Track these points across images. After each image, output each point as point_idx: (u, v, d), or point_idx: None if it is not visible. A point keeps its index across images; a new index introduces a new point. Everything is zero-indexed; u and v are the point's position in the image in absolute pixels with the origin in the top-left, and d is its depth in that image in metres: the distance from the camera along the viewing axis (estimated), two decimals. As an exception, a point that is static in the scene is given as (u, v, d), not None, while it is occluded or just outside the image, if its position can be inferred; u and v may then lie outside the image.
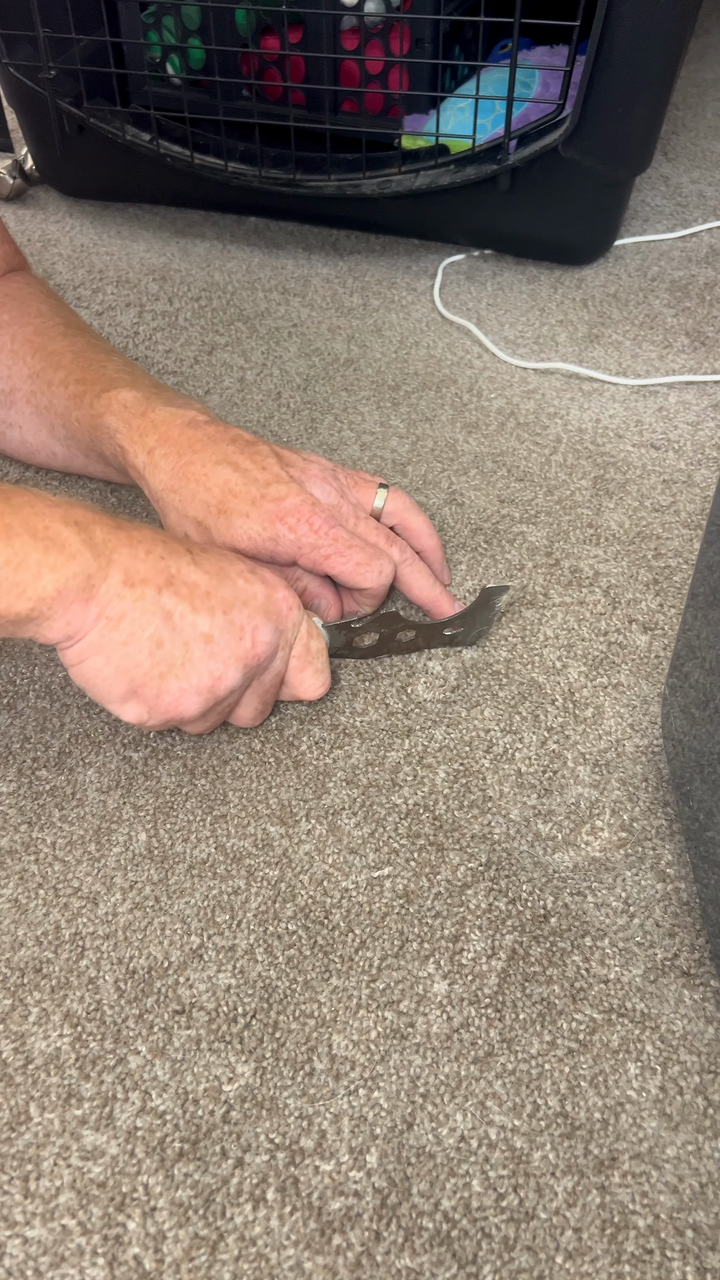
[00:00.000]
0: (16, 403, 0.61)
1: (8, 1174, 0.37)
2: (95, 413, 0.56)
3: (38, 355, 0.60)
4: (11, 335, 0.61)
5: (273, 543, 0.51)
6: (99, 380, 0.57)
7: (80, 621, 0.42)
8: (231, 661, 0.45)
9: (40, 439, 0.62)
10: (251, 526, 0.51)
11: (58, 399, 0.58)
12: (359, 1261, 0.35)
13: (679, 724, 0.45)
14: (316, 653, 0.50)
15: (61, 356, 0.59)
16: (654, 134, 0.78)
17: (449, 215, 0.86)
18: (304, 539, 0.51)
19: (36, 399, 0.60)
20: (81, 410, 0.57)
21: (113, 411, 0.55)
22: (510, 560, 0.61)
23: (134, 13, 0.83)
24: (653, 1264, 0.35)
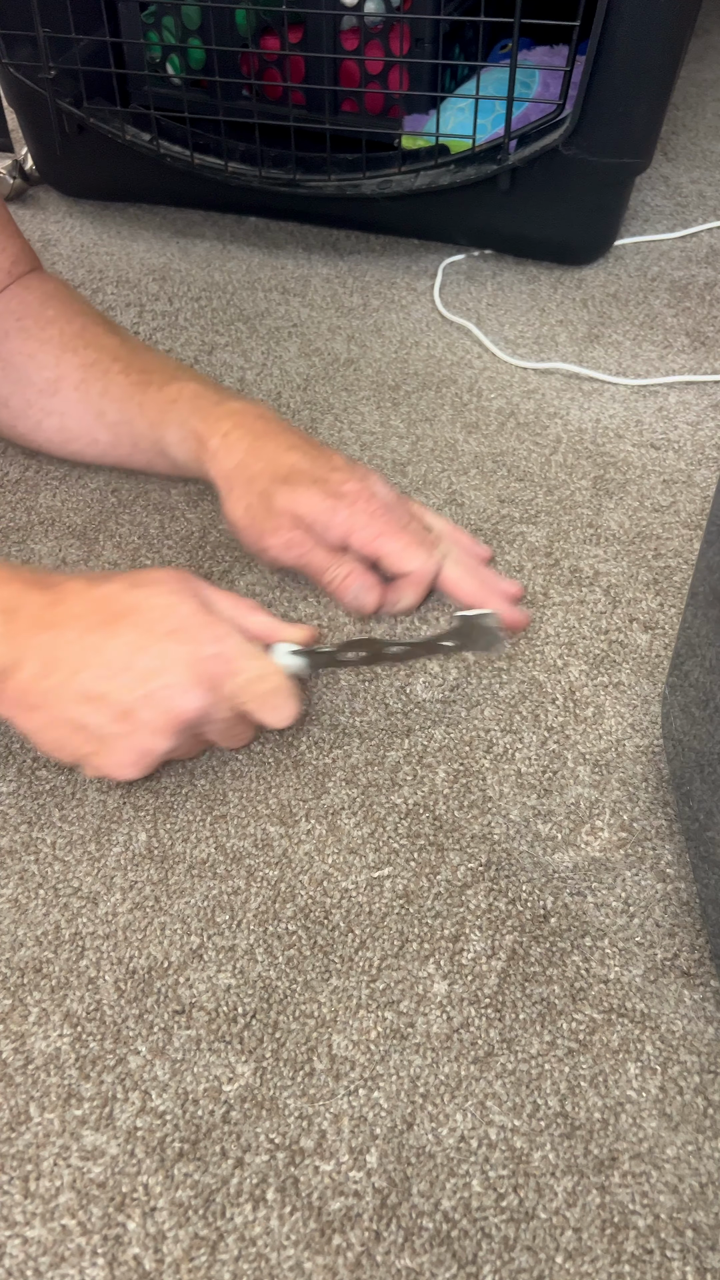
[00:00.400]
0: (62, 390, 0.63)
1: (8, 1174, 0.37)
2: (165, 399, 0.59)
3: (90, 348, 0.63)
4: (59, 330, 0.64)
5: (329, 513, 0.54)
6: (162, 371, 0.61)
7: (2, 705, 0.45)
8: (156, 734, 0.45)
9: (83, 426, 0.63)
10: (313, 496, 0.54)
11: (115, 385, 0.61)
12: (359, 1261, 0.35)
13: (679, 724, 0.45)
14: (268, 693, 0.47)
15: (116, 349, 0.63)
16: (654, 134, 0.78)
17: (449, 215, 0.86)
18: (359, 517, 0.54)
19: (88, 386, 0.62)
20: (146, 396, 0.60)
21: (184, 399, 0.59)
22: (510, 560, 0.61)
23: (134, 13, 0.83)
24: (653, 1264, 0.35)
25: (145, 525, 0.63)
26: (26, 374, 0.63)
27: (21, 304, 0.64)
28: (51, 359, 0.63)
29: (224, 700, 0.46)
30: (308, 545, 0.55)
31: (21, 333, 0.63)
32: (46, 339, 0.63)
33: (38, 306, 0.64)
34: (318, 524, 0.54)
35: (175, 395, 0.59)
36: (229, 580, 0.59)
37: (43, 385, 0.63)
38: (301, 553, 0.56)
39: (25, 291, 0.65)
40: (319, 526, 0.54)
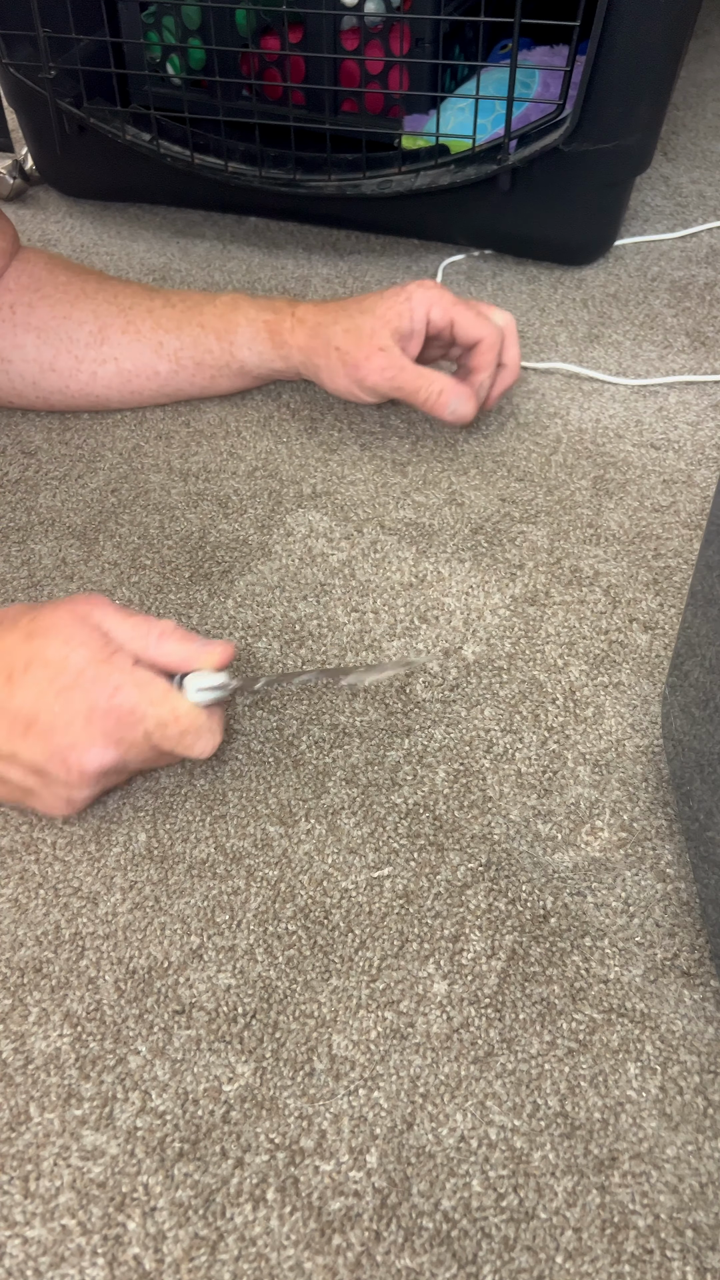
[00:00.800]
0: (110, 337, 0.67)
1: (8, 1174, 0.37)
2: (225, 306, 0.66)
3: (120, 295, 0.68)
4: (80, 288, 0.68)
5: (406, 301, 0.63)
6: (202, 296, 0.68)
7: None
8: (72, 787, 0.44)
9: (141, 362, 0.68)
10: (389, 302, 0.63)
11: (166, 317, 0.67)
12: (359, 1261, 0.35)
13: (679, 724, 0.45)
14: (182, 733, 0.45)
15: (144, 291, 0.68)
16: (654, 134, 0.78)
17: (449, 215, 0.86)
18: (433, 293, 0.64)
19: (137, 326, 0.67)
20: (204, 316, 0.67)
21: (244, 302, 0.66)
22: (510, 560, 0.61)
23: (134, 13, 0.83)
24: (653, 1264, 0.35)
25: (145, 525, 0.63)
26: (67, 333, 0.67)
27: (31, 277, 0.67)
28: (89, 313, 0.67)
29: (134, 745, 0.45)
30: (397, 366, 0.63)
31: (45, 300, 0.67)
32: (73, 298, 0.67)
33: (48, 275, 0.68)
34: (402, 316, 0.63)
35: (233, 303, 0.66)
36: (229, 580, 0.59)
37: (88, 338, 0.67)
38: (393, 374, 0.63)
39: (28, 265, 0.68)
40: (404, 319, 0.63)
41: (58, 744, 0.43)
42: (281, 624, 0.57)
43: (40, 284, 0.67)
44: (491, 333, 0.64)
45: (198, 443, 0.70)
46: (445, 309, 0.63)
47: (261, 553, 0.61)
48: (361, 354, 0.63)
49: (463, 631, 0.56)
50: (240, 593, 0.59)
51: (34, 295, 0.67)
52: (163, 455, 0.69)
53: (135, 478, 0.67)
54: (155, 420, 0.71)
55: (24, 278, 0.67)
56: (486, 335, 0.64)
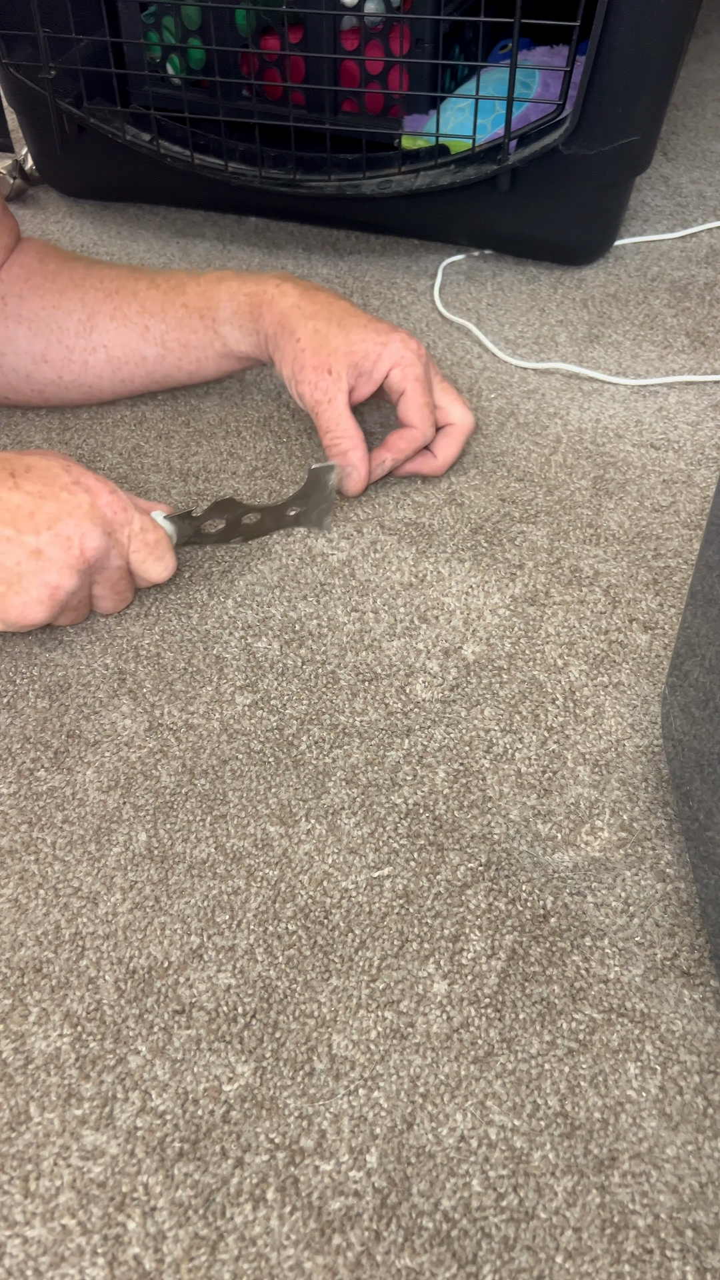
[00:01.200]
0: (98, 324, 0.67)
1: (8, 1174, 0.37)
2: (208, 283, 0.65)
3: (105, 279, 0.67)
4: (68, 276, 0.67)
5: (381, 346, 0.61)
6: (189, 274, 0.66)
7: None
8: (65, 570, 0.51)
9: (130, 347, 0.67)
10: (367, 334, 0.61)
11: (151, 300, 0.66)
12: (359, 1261, 0.35)
13: (679, 724, 0.45)
14: (154, 543, 0.54)
15: (129, 274, 0.67)
16: (654, 134, 0.78)
17: (449, 215, 0.86)
18: (409, 353, 0.61)
19: (123, 311, 0.66)
20: (188, 295, 0.65)
21: (228, 277, 0.64)
22: (510, 560, 0.61)
23: (134, 13, 0.83)
24: (653, 1264, 0.35)
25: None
26: (56, 323, 0.67)
27: (23, 268, 0.67)
28: (76, 301, 0.67)
29: (117, 546, 0.53)
30: (328, 397, 0.61)
31: (35, 291, 0.67)
32: (61, 287, 0.67)
33: (38, 265, 0.68)
34: (367, 358, 0.61)
35: (218, 278, 0.65)
36: (228, 580, 0.59)
37: (76, 327, 0.67)
38: (319, 400, 0.61)
39: (21, 256, 0.68)
40: (368, 361, 0.61)
41: (61, 528, 0.50)
42: (281, 624, 0.57)
43: (30, 274, 0.67)
44: (424, 430, 0.62)
45: (198, 443, 0.70)
46: (406, 378, 0.61)
47: (261, 552, 0.61)
48: (311, 361, 0.61)
49: (463, 631, 0.56)
50: (240, 592, 0.59)
51: (24, 286, 0.67)
52: (163, 455, 0.69)
53: (135, 478, 0.67)
54: (155, 420, 0.71)
55: (15, 268, 0.67)
56: (419, 428, 0.62)
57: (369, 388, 0.62)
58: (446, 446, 0.65)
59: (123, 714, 0.53)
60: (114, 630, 0.57)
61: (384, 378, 0.62)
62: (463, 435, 0.65)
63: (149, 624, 0.57)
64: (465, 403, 0.65)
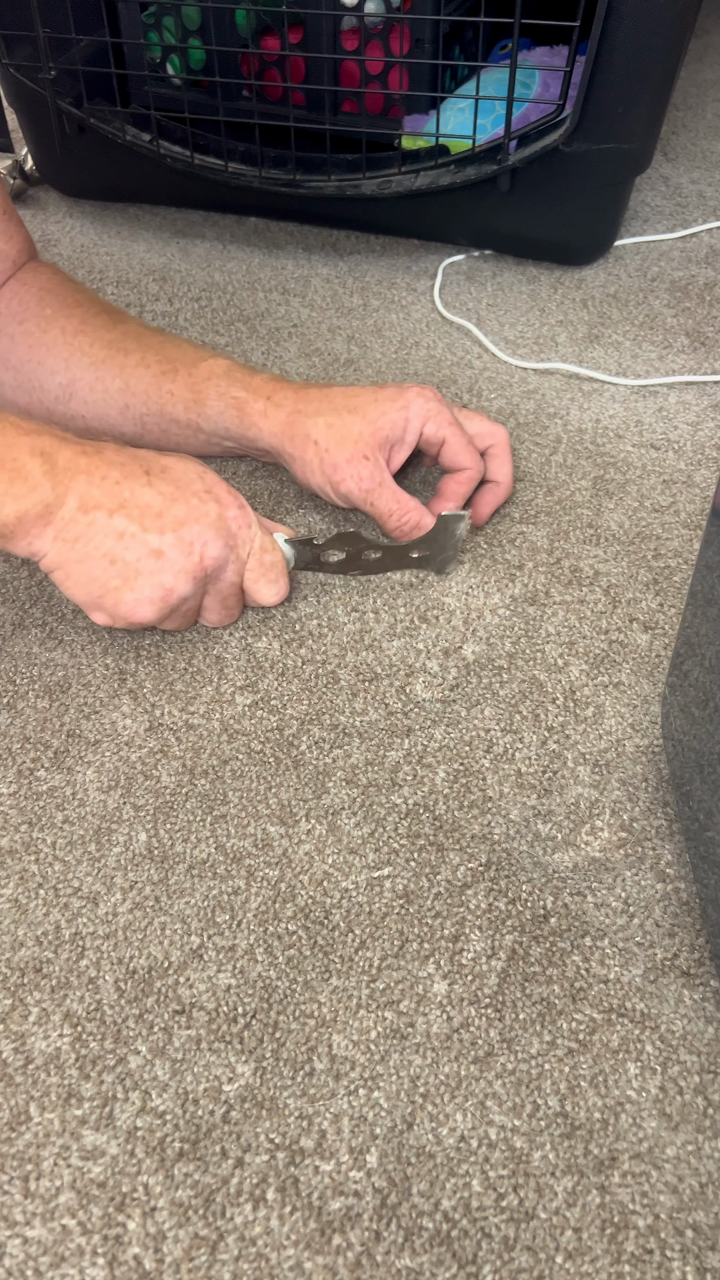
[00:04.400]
0: (77, 393, 0.64)
1: (8, 1174, 0.37)
2: (199, 377, 0.61)
3: (97, 345, 0.63)
4: (60, 329, 0.64)
5: (405, 409, 0.58)
6: (182, 358, 0.62)
7: (41, 542, 0.49)
8: (181, 574, 0.51)
9: (106, 423, 0.64)
10: (384, 406, 0.58)
11: (137, 379, 0.62)
12: (359, 1261, 0.35)
13: (679, 724, 0.45)
14: (270, 565, 0.55)
15: (124, 342, 0.63)
16: (654, 134, 0.78)
17: (449, 215, 0.86)
18: (433, 404, 0.59)
19: (105, 383, 0.63)
20: (176, 383, 0.62)
21: (219, 374, 0.61)
22: (510, 560, 0.61)
23: (134, 13, 0.83)
24: (653, 1264, 0.35)
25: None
26: (39, 381, 0.64)
27: (21, 304, 0.64)
28: (60, 363, 0.63)
29: (236, 561, 0.53)
30: (376, 481, 0.58)
31: (26, 337, 0.64)
32: (50, 341, 0.63)
33: (36, 306, 0.64)
34: (395, 427, 0.58)
35: (209, 373, 0.61)
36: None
37: (57, 390, 0.64)
38: (370, 489, 0.58)
39: (23, 288, 0.65)
40: (396, 428, 0.58)
41: (185, 532, 0.51)
42: (281, 624, 0.57)
43: (26, 316, 0.64)
44: (475, 466, 0.60)
45: (198, 443, 0.70)
46: (440, 426, 0.59)
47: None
48: (343, 456, 0.58)
49: (463, 631, 0.56)
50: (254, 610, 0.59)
51: (17, 328, 0.64)
52: (163, 455, 0.69)
53: (135, 478, 0.67)
54: (155, 420, 0.71)
55: (15, 303, 0.64)
56: (470, 468, 0.60)
57: (404, 454, 0.60)
58: (499, 466, 0.63)
59: (123, 714, 0.53)
60: (114, 630, 0.57)
61: (418, 438, 0.60)
62: (506, 448, 0.63)
63: (149, 624, 0.57)
64: (493, 421, 0.63)
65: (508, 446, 0.63)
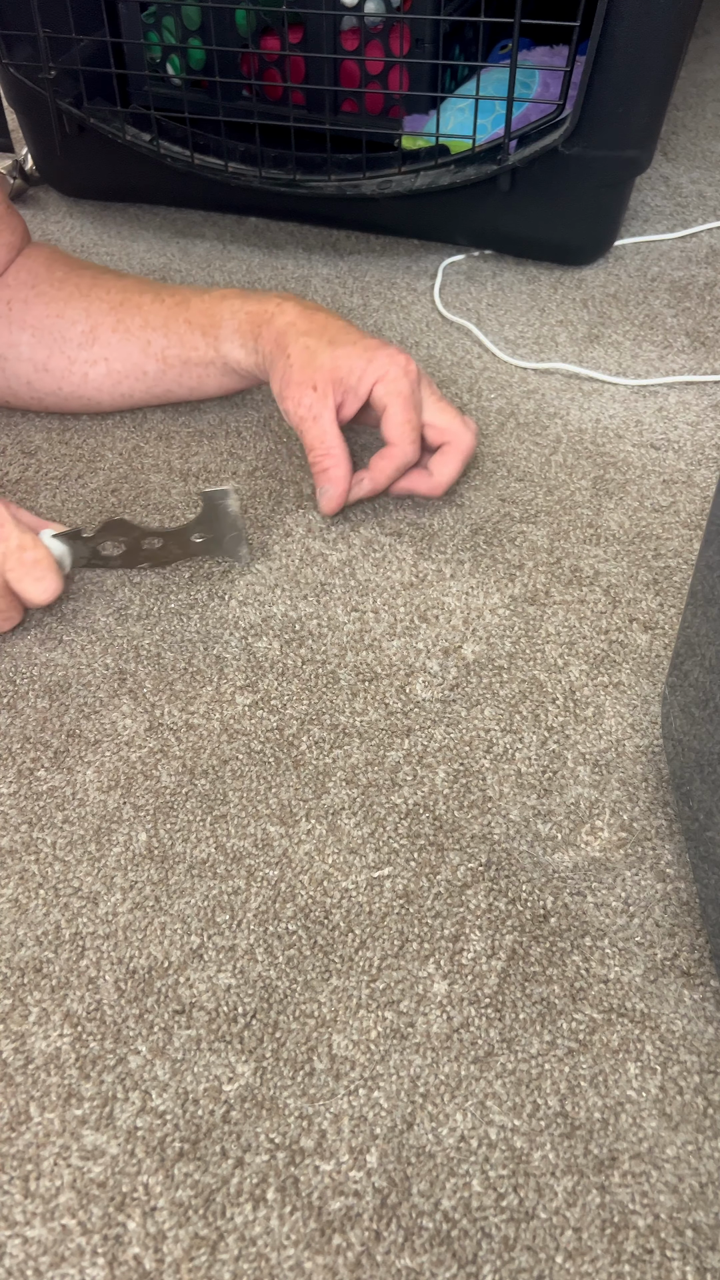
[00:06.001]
0: (100, 336, 0.66)
1: (8, 1174, 0.37)
2: (213, 300, 0.64)
3: (112, 290, 0.67)
4: (75, 285, 0.67)
5: (367, 362, 0.59)
6: (194, 290, 0.66)
7: None
8: None
9: (130, 362, 0.67)
10: (354, 351, 0.59)
11: (154, 314, 0.66)
12: (359, 1261, 0.35)
13: (679, 724, 0.45)
14: (33, 562, 0.53)
15: (138, 285, 0.67)
16: (654, 134, 0.78)
17: (449, 215, 0.86)
18: (394, 369, 0.59)
19: (126, 323, 0.66)
20: (192, 310, 0.65)
21: (233, 295, 0.64)
22: (510, 560, 0.61)
23: (134, 13, 0.83)
24: (653, 1264, 0.35)
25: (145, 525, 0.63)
26: (60, 332, 0.66)
27: (30, 273, 0.67)
28: (80, 311, 0.66)
29: None
30: (312, 414, 0.59)
31: (41, 298, 0.67)
32: (67, 296, 0.66)
33: (45, 271, 0.68)
34: (352, 373, 0.59)
35: (221, 295, 0.64)
36: (228, 580, 0.59)
37: (79, 338, 0.66)
38: (303, 416, 0.60)
39: (29, 261, 0.68)
40: (353, 376, 0.59)
41: None
42: (281, 624, 0.57)
43: (38, 280, 0.67)
44: (403, 448, 0.59)
45: (198, 443, 0.70)
46: (389, 393, 0.59)
47: (261, 553, 0.61)
48: (298, 378, 0.59)
49: (462, 631, 0.56)
50: (240, 593, 0.59)
51: (30, 292, 0.67)
52: (163, 455, 0.69)
53: (135, 478, 0.67)
54: (155, 420, 0.71)
55: (23, 273, 0.67)
56: (398, 446, 0.59)
57: (355, 404, 0.60)
58: (444, 465, 0.61)
59: (123, 714, 0.53)
60: (114, 630, 0.57)
61: (369, 393, 0.59)
62: (461, 454, 0.61)
63: (149, 624, 0.57)
64: (466, 421, 0.62)
65: (463, 452, 0.61)
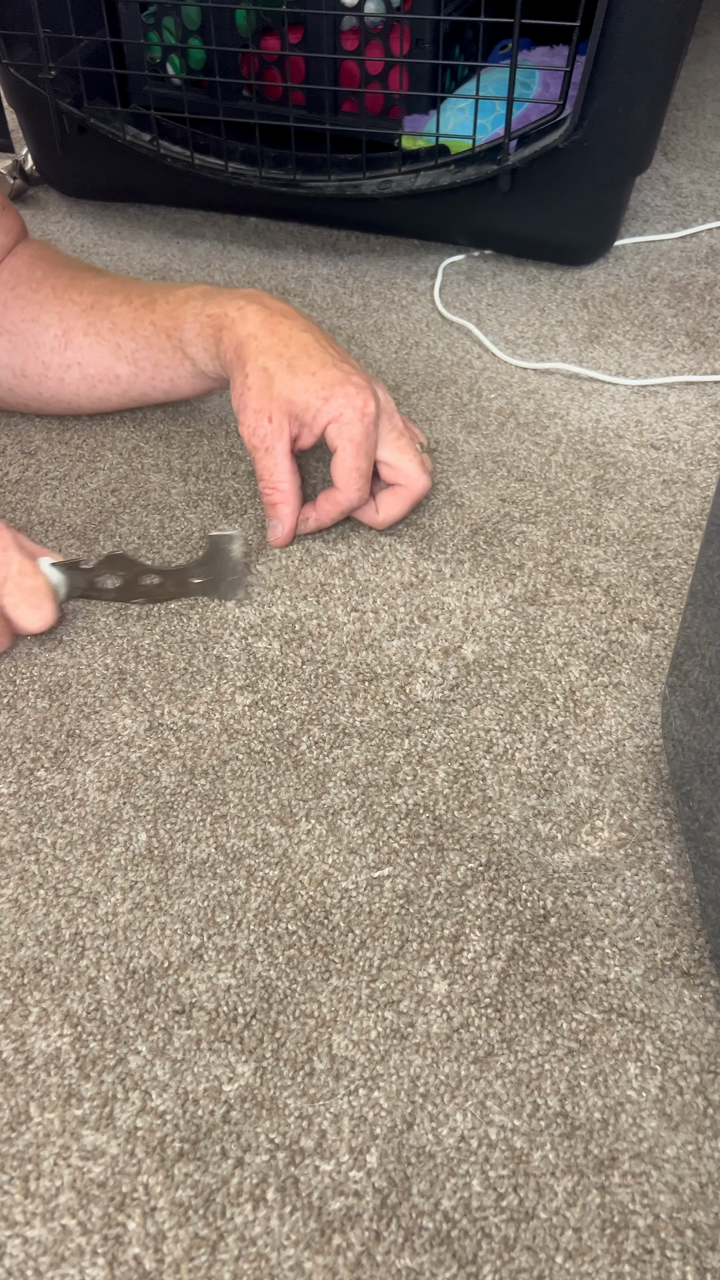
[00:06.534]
0: (73, 339, 0.65)
1: (8, 1174, 0.37)
2: (177, 301, 0.62)
3: (84, 292, 0.65)
4: (52, 286, 0.66)
5: (323, 400, 0.56)
6: (163, 290, 0.64)
7: None
8: None
9: (103, 366, 0.65)
10: (311, 384, 0.56)
11: (122, 316, 0.64)
12: (359, 1261, 0.35)
13: (679, 724, 0.45)
14: (32, 590, 0.53)
15: (110, 285, 0.65)
16: (654, 134, 0.78)
17: (449, 215, 0.86)
18: (350, 411, 0.56)
19: (97, 326, 0.64)
20: (157, 313, 0.62)
21: (196, 295, 0.61)
22: (510, 560, 0.61)
23: (134, 13, 0.83)
24: (653, 1264, 0.35)
25: (145, 525, 0.63)
26: (34, 337, 0.65)
27: (13, 273, 0.66)
28: (54, 315, 0.65)
29: None
30: (265, 444, 0.57)
31: (18, 300, 0.66)
32: (42, 299, 0.65)
33: (26, 271, 0.67)
34: (308, 410, 0.57)
35: (186, 295, 0.62)
36: (229, 580, 0.59)
37: (53, 343, 0.65)
38: (257, 445, 0.58)
39: (14, 261, 0.67)
40: (308, 414, 0.57)
41: None
42: (281, 624, 0.57)
43: (18, 281, 0.66)
44: (347, 494, 0.58)
45: (198, 443, 0.70)
46: (340, 436, 0.57)
47: (261, 552, 0.61)
48: (253, 404, 0.57)
49: (462, 631, 0.56)
50: (239, 596, 0.59)
51: (8, 294, 0.65)
52: (163, 455, 0.69)
53: (135, 478, 0.67)
54: (155, 420, 0.71)
55: (6, 273, 0.66)
56: (342, 492, 0.58)
57: (310, 438, 0.58)
58: (390, 505, 0.60)
59: (123, 714, 0.53)
60: (114, 630, 0.57)
61: (322, 432, 0.57)
62: (410, 497, 0.60)
63: (149, 624, 0.57)
64: (424, 461, 0.60)
65: (412, 496, 0.60)
